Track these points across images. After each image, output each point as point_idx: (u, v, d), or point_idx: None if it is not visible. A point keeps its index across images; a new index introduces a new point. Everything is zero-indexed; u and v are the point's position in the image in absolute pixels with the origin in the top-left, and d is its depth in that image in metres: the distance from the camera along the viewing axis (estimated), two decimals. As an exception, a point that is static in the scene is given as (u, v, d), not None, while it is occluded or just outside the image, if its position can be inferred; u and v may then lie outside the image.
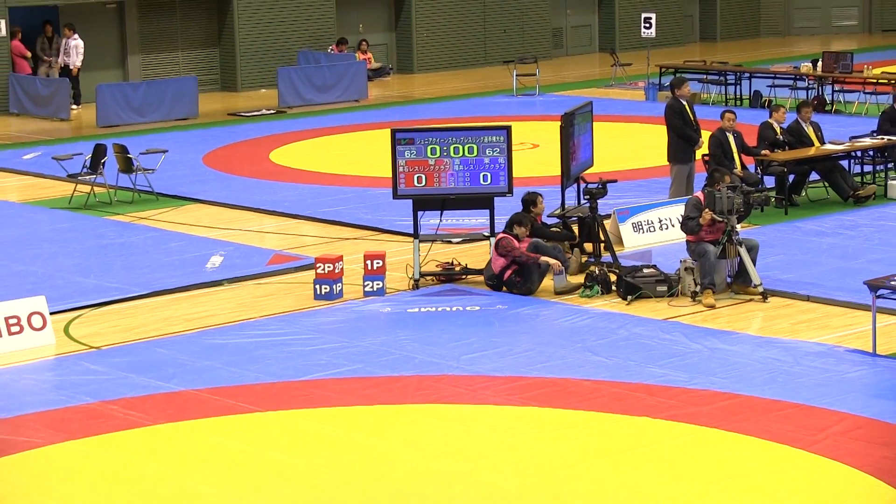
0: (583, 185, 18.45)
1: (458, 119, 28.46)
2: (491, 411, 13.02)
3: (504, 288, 16.74)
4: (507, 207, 17.53)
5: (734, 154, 20.14)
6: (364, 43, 37.56)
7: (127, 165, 22.94)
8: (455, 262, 17.70)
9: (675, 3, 42.89)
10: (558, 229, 18.14)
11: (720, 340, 14.81)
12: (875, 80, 29.79)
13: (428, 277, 17.38)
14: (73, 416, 13.13)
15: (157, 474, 11.78)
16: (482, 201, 17.28)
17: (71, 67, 33.09)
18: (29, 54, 33.65)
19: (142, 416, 13.04)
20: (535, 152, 24.81)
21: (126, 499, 11.30)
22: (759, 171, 20.68)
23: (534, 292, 16.59)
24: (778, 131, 21.39)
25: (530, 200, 17.25)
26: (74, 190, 23.02)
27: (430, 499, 11.04)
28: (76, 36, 33.21)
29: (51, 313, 15.59)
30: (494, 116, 28.82)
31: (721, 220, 16.19)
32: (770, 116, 21.74)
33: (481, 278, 17.24)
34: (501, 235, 16.69)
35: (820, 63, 30.72)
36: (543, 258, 16.60)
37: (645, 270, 16.71)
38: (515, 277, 16.62)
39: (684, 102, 20.43)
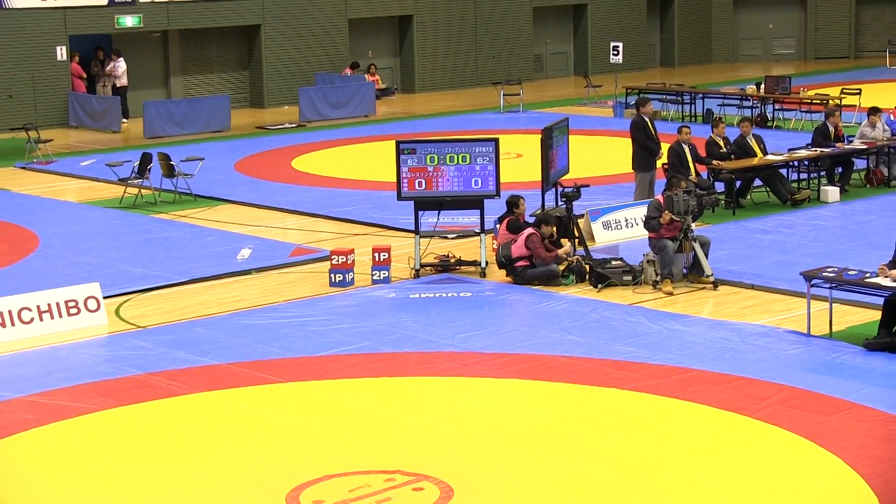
0: (560, 189, 18.43)
1: (453, 132, 28.44)
2: (481, 383, 13.02)
3: (506, 271, 16.72)
4: (495, 208, 17.53)
5: (689, 163, 20.13)
6: (373, 67, 37.53)
7: (169, 171, 22.95)
8: (450, 255, 17.70)
9: (639, 33, 42.87)
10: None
11: (677, 323, 14.82)
12: (809, 101, 29.83)
13: (427, 268, 17.37)
14: (122, 386, 13.13)
15: (194, 435, 11.79)
16: (474, 202, 17.27)
17: (118, 85, 33.25)
18: (85, 75, 33.66)
19: (181, 385, 13.05)
20: (519, 161, 24.81)
21: (168, 456, 11.30)
22: (710, 177, 20.66)
23: (525, 284, 16.57)
24: (721, 144, 21.39)
25: (513, 202, 17.22)
26: (124, 192, 23.00)
27: (428, 457, 11.03)
28: (121, 59, 33.31)
29: (104, 297, 15.60)
30: (484, 130, 28.81)
31: (678, 219, 16.21)
32: (712, 131, 21.74)
33: (474, 268, 17.23)
34: (531, 232, 16.64)
35: (763, 85, 30.74)
36: (559, 252, 16.65)
37: (613, 262, 16.71)
38: (522, 269, 16.58)
39: (647, 119, 20.41)
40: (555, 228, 17.32)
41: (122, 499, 10.41)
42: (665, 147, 20.48)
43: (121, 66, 33.43)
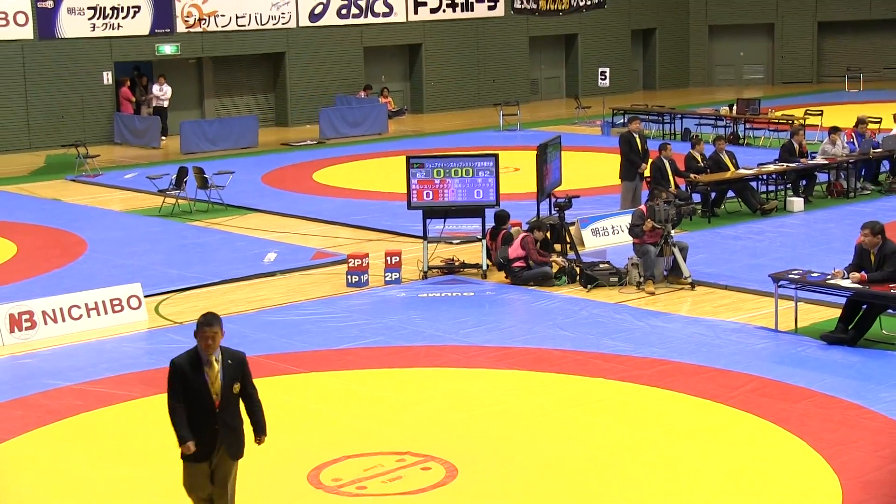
0: (553, 200, 18.44)
1: (458, 148, 28.44)
2: (483, 373, 13.02)
3: (504, 272, 16.73)
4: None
5: (670, 176, 20.13)
6: (385, 90, 37.56)
7: (203, 183, 22.96)
8: (455, 259, 17.70)
9: (624, 60, 42.86)
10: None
11: (658, 319, 14.81)
12: (777, 121, 29.83)
13: (434, 270, 17.38)
14: (161, 376, 13.00)
15: (225, 420, 11.80)
16: (476, 211, 17.28)
17: (164, 107, 33.40)
18: (133, 98, 33.72)
19: (214, 375, 13.05)
20: (517, 174, 24.81)
21: (202, 439, 11.31)
22: (688, 189, 20.66)
23: (522, 284, 16.57)
24: (699, 159, 21.41)
25: (504, 216, 17.25)
26: (163, 202, 23.03)
27: (435, 439, 11.03)
28: (164, 83, 33.41)
29: (145, 296, 15.62)
30: (485, 146, 28.81)
31: (659, 227, 16.20)
32: (692, 148, 21.75)
33: (476, 270, 17.24)
34: (525, 234, 16.66)
35: (735, 107, 30.73)
36: (554, 256, 16.68)
37: (601, 265, 16.71)
38: (519, 270, 16.58)
39: (635, 135, 20.50)
40: (548, 234, 17.34)
41: (161, 475, 10.40)
42: (648, 162, 20.50)
43: (167, 90, 33.49)
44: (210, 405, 8.42)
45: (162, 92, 33.48)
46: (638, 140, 20.45)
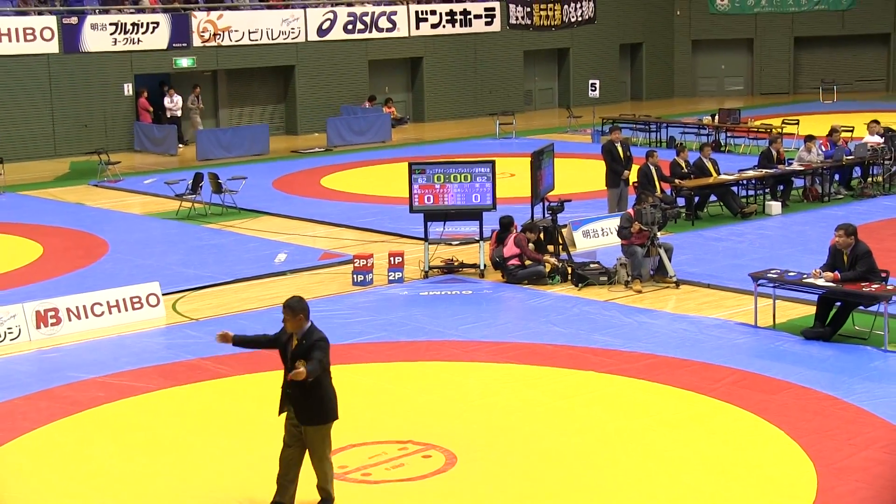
0: (546, 203, 18.43)
1: (457, 155, 28.44)
2: (480, 366, 13.01)
3: (500, 271, 16.72)
4: (492, 218, 17.49)
5: (656, 181, 20.11)
6: (390, 100, 37.52)
7: (218, 188, 22.95)
8: (454, 259, 17.69)
9: (612, 72, 42.84)
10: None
11: (645, 316, 14.80)
12: (756, 129, 29.81)
13: (434, 270, 17.37)
14: (178, 369, 13.14)
15: (238, 409, 11.79)
16: (474, 214, 17.26)
17: (179, 116, 33.40)
18: (151, 109, 33.68)
19: (228, 368, 13.05)
20: (512, 179, 24.81)
21: (216, 427, 11.31)
22: (673, 194, 20.65)
23: (517, 283, 16.57)
24: (684, 166, 21.39)
25: (509, 222, 17.19)
26: (180, 206, 23.02)
27: (435, 429, 11.02)
28: (176, 95, 33.40)
29: (162, 294, 15.61)
30: (483, 153, 28.80)
31: (646, 229, 16.20)
32: (677, 155, 21.74)
33: (474, 270, 17.23)
34: (517, 234, 16.66)
35: (717, 116, 30.72)
36: (547, 256, 16.68)
37: (591, 265, 16.71)
38: (514, 269, 16.57)
39: (617, 144, 20.48)
40: (541, 235, 17.33)
41: (180, 462, 10.41)
42: (635, 168, 20.48)
43: (178, 100, 33.50)
44: (286, 373, 9.17)
45: (173, 103, 33.43)
46: (620, 148, 20.40)
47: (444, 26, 38.66)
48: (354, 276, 16.80)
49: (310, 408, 9.12)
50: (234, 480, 10.03)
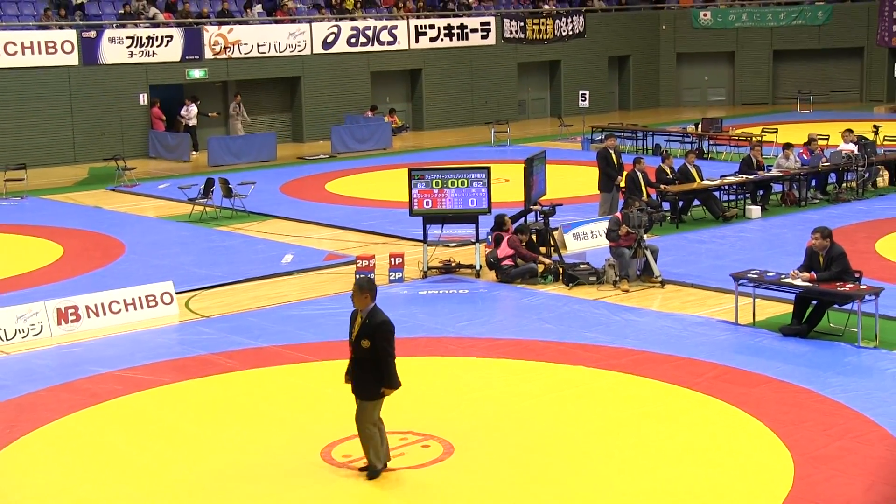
0: (539, 207, 18.43)
1: (454, 161, 28.43)
2: (476, 361, 13.02)
3: (495, 271, 16.73)
4: (488, 221, 17.54)
5: (642, 187, 20.15)
6: (392, 110, 37.52)
7: (228, 192, 22.96)
8: (452, 260, 17.70)
9: (601, 83, 42.87)
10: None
11: (632, 314, 14.82)
12: (737, 138, 29.86)
13: (433, 270, 17.38)
14: (191, 363, 13.14)
15: (248, 402, 11.80)
16: (470, 218, 17.27)
17: (192, 124, 33.37)
18: (164, 118, 33.65)
19: (237, 363, 13.06)
20: (507, 185, 24.82)
21: (227, 418, 11.31)
22: (659, 198, 20.67)
23: (511, 283, 16.58)
24: (669, 172, 21.43)
25: (502, 221, 17.25)
26: (192, 209, 23.02)
27: (433, 420, 11.03)
28: (192, 104, 33.39)
29: (176, 293, 15.62)
30: (479, 160, 28.81)
31: (633, 232, 16.21)
32: (662, 162, 21.77)
33: (470, 270, 17.24)
34: (510, 236, 16.69)
35: (700, 125, 30.75)
36: (540, 257, 16.71)
37: (581, 266, 16.72)
38: (508, 268, 16.59)
39: (611, 151, 20.52)
40: (534, 237, 17.35)
41: (192, 450, 10.42)
42: (624, 174, 20.51)
43: (193, 109, 33.51)
44: (351, 349, 9.65)
45: (188, 112, 33.45)
46: (613, 155, 20.48)
47: (442, 40, 38.68)
48: (357, 276, 16.79)
49: (363, 384, 9.58)
50: (243, 469, 10.03)
